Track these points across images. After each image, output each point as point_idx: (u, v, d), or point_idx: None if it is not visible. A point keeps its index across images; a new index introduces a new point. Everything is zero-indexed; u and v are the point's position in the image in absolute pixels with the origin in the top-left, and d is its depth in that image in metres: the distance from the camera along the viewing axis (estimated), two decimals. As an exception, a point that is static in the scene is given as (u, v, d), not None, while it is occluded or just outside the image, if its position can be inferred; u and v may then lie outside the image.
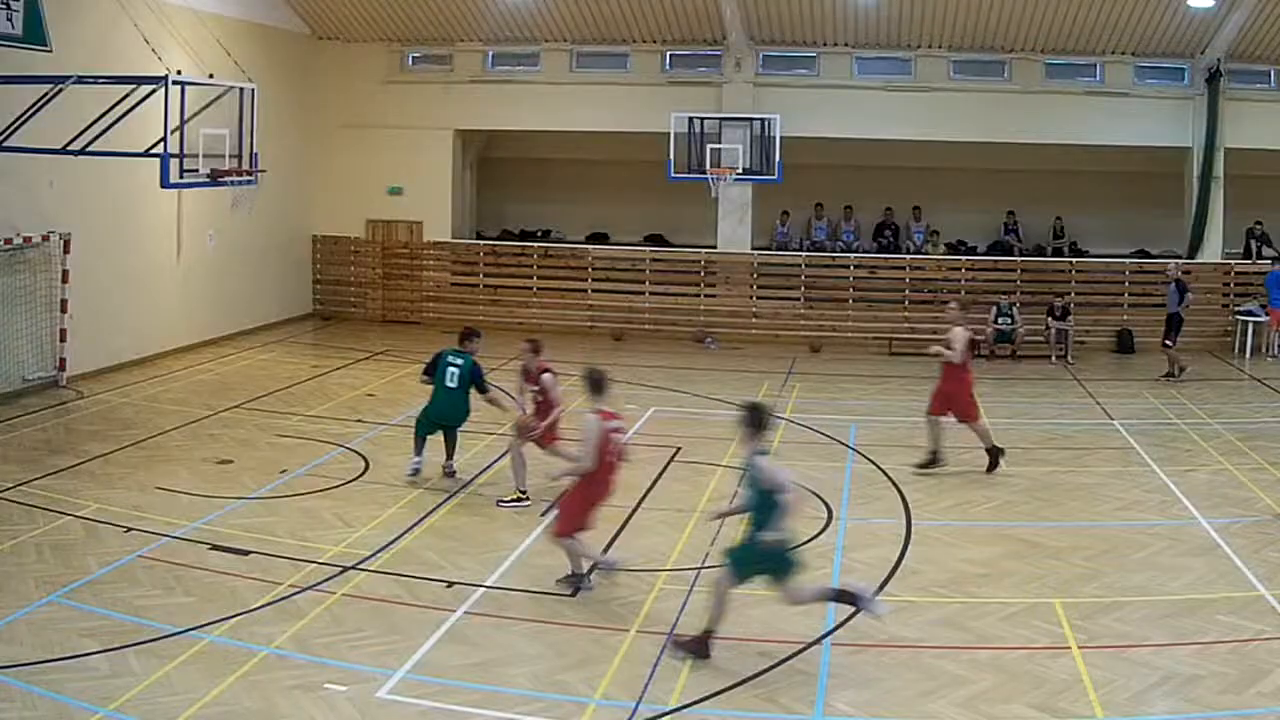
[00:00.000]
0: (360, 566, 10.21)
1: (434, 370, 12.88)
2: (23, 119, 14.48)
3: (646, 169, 23.09)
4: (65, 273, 17.14)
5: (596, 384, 9.78)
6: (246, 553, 10.43)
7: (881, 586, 9.96)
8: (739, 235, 23.87)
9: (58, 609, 9.07)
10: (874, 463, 14.01)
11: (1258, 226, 23.36)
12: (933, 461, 13.63)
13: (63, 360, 17.32)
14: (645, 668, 8.34)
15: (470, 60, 24.54)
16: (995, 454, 13.70)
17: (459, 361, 12.75)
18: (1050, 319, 21.80)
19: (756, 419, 8.44)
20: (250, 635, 8.69)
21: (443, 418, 12.96)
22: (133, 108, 14.29)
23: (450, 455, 13.12)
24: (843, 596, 8.63)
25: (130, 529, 10.98)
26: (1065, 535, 11.40)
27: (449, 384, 12.74)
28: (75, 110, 14.57)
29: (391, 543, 10.86)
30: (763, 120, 21.95)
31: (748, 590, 9.85)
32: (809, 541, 11.14)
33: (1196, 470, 13.88)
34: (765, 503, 8.23)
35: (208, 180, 14.84)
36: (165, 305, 20.08)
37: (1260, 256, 23.13)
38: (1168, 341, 19.78)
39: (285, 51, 23.21)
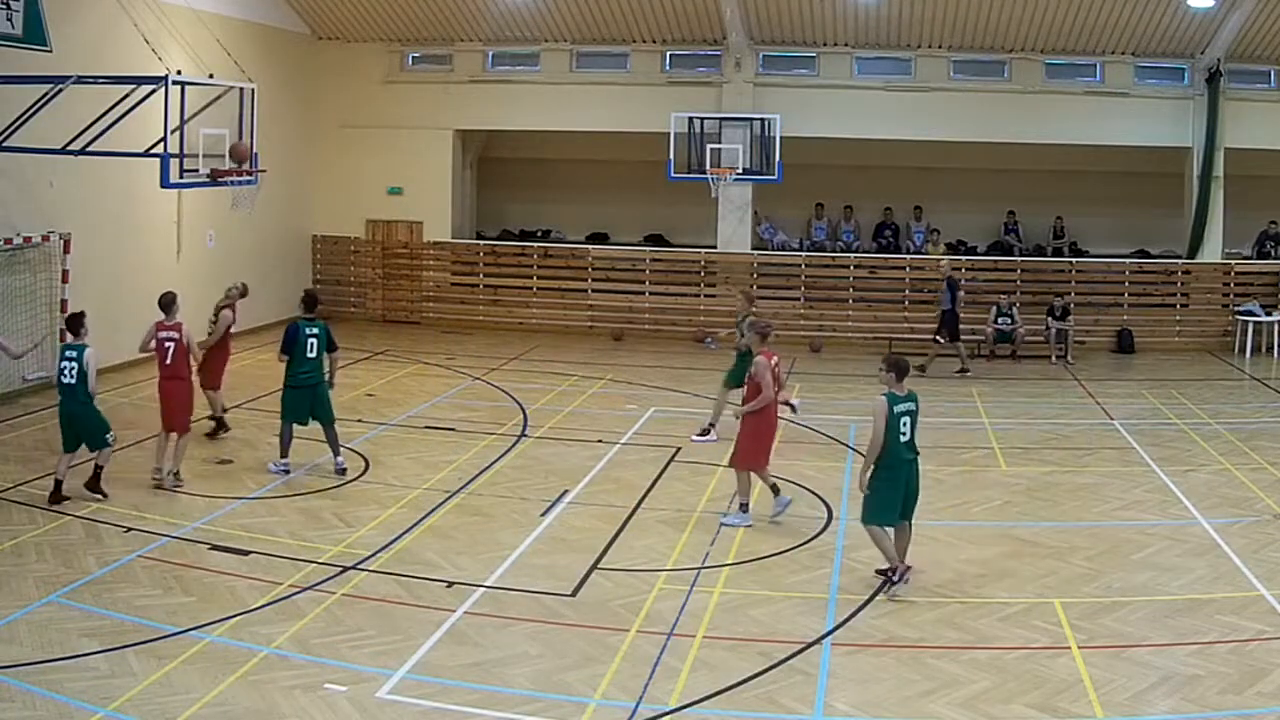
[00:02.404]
0: (360, 566, 10.20)
1: (293, 346, 12.78)
2: (23, 119, 14.45)
3: (646, 169, 23.09)
4: (65, 273, 17.11)
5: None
6: (246, 553, 10.43)
7: (881, 587, 9.96)
8: (739, 235, 23.87)
9: (58, 609, 9.05)
10: (874, 463, 13.99)
11: (1272, 226, 23.38)
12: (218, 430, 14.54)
13: (63, 360, 17.28)
14: (645, 668, 8.33)
15: (470, 60, 24.53)
16: (221, 423, 14.60)
17: (314, 330, 12.80)
18: (1050, 319, 21.79)
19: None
20: (250, 635, 8.68)
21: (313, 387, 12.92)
22: (133, 108, 14.26)
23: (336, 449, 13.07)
24: None
25: (130, 529, 10.97)
26: (1065, 535, 11.40)
27: (309, 354, 12.78)
28: (75, 110, 14.54)
29: (391, 543, 10.85)
30: (763, 120, 21.94)
31: (747, 590, 9.91)
32: (809, 541, 11.18)
33: (1196, 470, 13.87)
34: None
35: (208, 180, 14.78)
36: (165, 305, 20.04)
37: (1273, 257, 23.17)
38: (939, 337, 20.44)
39: (285, 51, 23.20)
